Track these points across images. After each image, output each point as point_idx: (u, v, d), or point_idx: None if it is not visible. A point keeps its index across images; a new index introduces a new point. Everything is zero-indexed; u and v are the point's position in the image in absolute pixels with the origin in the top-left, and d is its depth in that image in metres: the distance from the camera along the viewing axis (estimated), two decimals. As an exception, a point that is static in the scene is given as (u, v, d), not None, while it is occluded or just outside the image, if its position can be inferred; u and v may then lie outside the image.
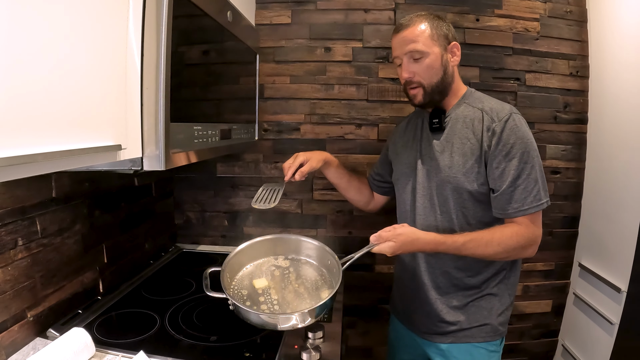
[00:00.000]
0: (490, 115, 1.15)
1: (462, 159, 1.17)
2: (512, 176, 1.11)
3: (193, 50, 1.12)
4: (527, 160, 1.11)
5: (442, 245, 1.12)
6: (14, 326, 1.01)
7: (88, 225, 1.30)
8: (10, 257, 1.01)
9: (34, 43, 0.61)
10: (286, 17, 1.81)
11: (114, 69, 0.83)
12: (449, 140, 1.21)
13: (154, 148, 0.94)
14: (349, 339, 1.97)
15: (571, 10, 1.79)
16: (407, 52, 1.18)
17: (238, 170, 1.91)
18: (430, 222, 1.25)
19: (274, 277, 1.21)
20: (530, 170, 1.11)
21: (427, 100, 1.22)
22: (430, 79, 1.19)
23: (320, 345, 1.06)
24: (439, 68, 1.18)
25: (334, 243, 1.89)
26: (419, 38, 1.17)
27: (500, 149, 1.12)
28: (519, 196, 1.11)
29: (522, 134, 1.12)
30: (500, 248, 1.11)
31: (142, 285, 1.45)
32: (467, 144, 1.18)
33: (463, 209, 1.20)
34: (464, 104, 1.23)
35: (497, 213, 1.16)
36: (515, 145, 1.11)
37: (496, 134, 1.12)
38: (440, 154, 1.22)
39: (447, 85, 1.21)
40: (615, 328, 1.56)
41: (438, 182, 1.22)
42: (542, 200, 1.12)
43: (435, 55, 1.17)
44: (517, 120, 1.13)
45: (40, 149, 0.64)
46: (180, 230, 1.97)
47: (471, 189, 1.17)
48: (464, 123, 1.20)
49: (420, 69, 1.18)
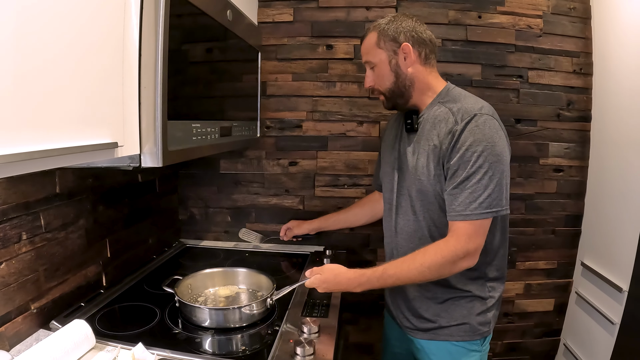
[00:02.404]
0: (456, 117, 1.11)
1: (425, 160, 1.16)
2: (462, 177, 1.07)
3: (192, 49, 1.14)
4: (482, 165, 1.05)
5: (363, 277, 1.13)
6: (17, 318, 1.04)
7: (92, 220, 1.33)
8: (15, 250, 1.04)
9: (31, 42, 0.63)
10: (288, 15, 1.82)
11: (111, 69, 0.85)
12: (418, 141, 1.20)
13: (152, 145, 0.96)
14: (349, 335, 1.98)
15: (575, 7, 1.78)
16: (365, 63, 1.24)
17: (241, 167, 1.94)
18: (406, 223, 1.25)
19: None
20: (483, 176, 1.06)
21: (390, 105, 1.25)
22: (384, 85, 1.21)
23: (315, 340, 1.07)
24: (388, 74, 1.19)
25: (335, 240, 1.92)
26: (368, 49, 1.21)
27: (456, 150, 1.08)
28: (464, 199, 1.07)
29: (481, 136, 1.06)
30: (424, 268, 1.08)
31: (144, 280, 1.48)
32: (430, 145, 1.16)
33: (429, 212, 1.19)
34: (437, 104, 1.20)
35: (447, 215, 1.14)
36: (471, 146, 1.06)
37: (455, 135, 1.09)
38: (411, 155, 1.22)
39: (404, 89, 1.20)
40: (616, 328, 1.55)
41: (409, 183, 1.22)
42: (488, 210, 1.06)
43: (382, 62, 1.19)
44: (481, 122, 1.08)
45: (38, 147, 0.66)
46: (184, 226, 2.00)
47: (433, 192, 1.16)
48: (432, 124, 1.17)
49: (374, 77, 1.22)
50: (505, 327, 1.98)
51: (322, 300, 1.32)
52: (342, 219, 1.71)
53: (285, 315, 1.22)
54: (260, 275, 1.37)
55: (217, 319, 1.15)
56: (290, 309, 1.26)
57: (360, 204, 1.69)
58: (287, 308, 1.27)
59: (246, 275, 1.41)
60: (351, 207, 1.72)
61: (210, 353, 1.06)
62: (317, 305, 1.30)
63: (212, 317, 1.15)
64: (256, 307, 1.18)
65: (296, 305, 1.29)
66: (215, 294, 1.35)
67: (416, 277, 1.11)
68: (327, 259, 1.64)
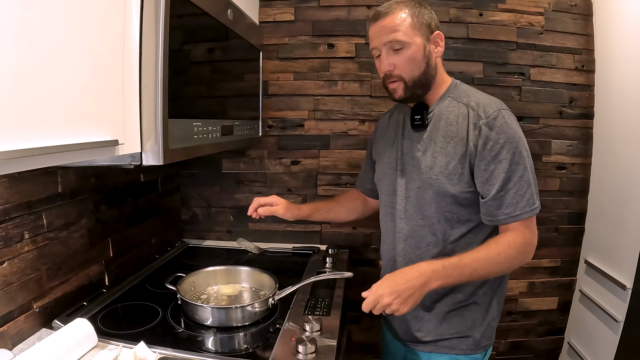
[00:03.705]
0: (477, 112, 1.07)
1: (444, 159, 1.09)
2: (503, 179, 1.03)
3: (193, 48, 1.15)
4: (519, 161, 1.03)
5: (436, 265, 1.01)
6: (20, 317, 1.04)
7: (94, 219, 1.33)
8: (17, 249, 1.04)
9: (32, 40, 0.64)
10: (289, 14, 1.83)
11: (112, 68, 0.85)
12: (432, 138, 1.13)
13: (153, 143, 0.97)
14: (352, 334, 1.98)
15: (576, 3, 1.77)
16: (387, 43, 1.08)
17: (243, 166, 1.94)
18: (410, 227, 1.18)
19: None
20: (523, 172, 1.03)
21: (408, 95, 1.12)
22: (412, 72, 1.09)
23: (317, 338, 1.07)
24: (421, 60, 1.09)
25: (338, 239, 1.92)
26: (399, 27, 1.06)
27: (488, 150, 1.03)
28: (511, 200, 1.03)
29: (512, 132, 1.03)
30: (502, 259, 1.03)
31: (147, 279, 1.49)
32: (450, 143, 1.09)
33: (446, 213, 1.12)
34: (448, 98, 1.14)
35: (487, 220, 1.08)
36: (505, 145, 1.02)
37: (483, 132, 1.04)
38: (421, 154, 1.14)
39: (430, 79, 1.12)
40: (621, 325, 1.54)
41: (420, 184, 1.14)
42: (535, 204, 1.04)
43: (417, 46, 1.08)
44: (507, 117, 1.05)
45: (38, 144, 0.66)
46: (187, 226, 2.00)
47: (454, 192, 1.09)
48: (448, 120, 1.11)
49: (400, 61, 1.08)
50: (509, 326, 1.97)
51: (324, 299, 1.32)
52: (332, 216, 1.53)
53: (288, 314, 1.22)
54: (263, 274, 1.37)
55: (220, 318, 1.15)
56: (292, 307, 1.26)
57: (345, 201, 1.53)
58: (289, 306, 1.27)
59: (249, 273, 1.41)
60: (337, 202, 1.53)
61: (213, 351, 1.06)
62: (319, 303, 1.29)
63: (214, 315, 1.15)
64: (258, 307, 1.18)
65: (298, 303, 1.29)
66: (218, 292, 1.35)
67: (492, 268, 1.04)
68: (330, 257, 1.64)
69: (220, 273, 1.40)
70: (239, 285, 1.40)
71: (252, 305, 1.17)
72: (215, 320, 1.15)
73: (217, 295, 1.34)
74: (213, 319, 1.15)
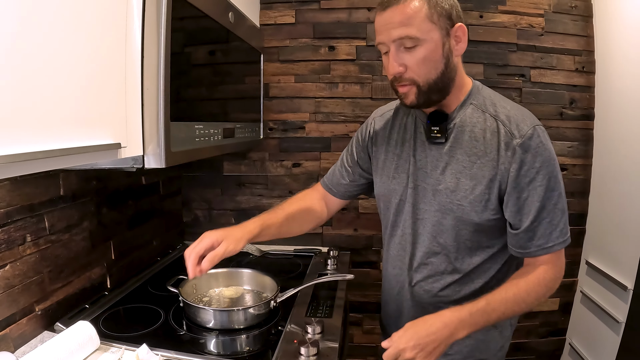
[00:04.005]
0: (509, 128, 0.92)
1: (470, 182, 0.94)
2: (537, 209, 0.90)
3: (194, 51, 1.15)
4: (554, 187, 0.90)
5: (463, 312, 0.88)
6: (22, 319, 1.05)
7: (96, 222, 1.34)
8: (19, 252, 1.04)
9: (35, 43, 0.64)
10: (290, 16, 1.83)
11: (114, 71, 0.86)
12: (453, 154, 0.97)
13: (155, 146, 0.97)
14: (354, 337, 1.98)
15: (576, 5, 1.78)
16: (397, 39, 0.89)
17: (244, 168, 1.94)
18: (423, 254, 1.04)
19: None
20: (557, 199, 0.91)
21: (422, 101, 0.94)
22: (428, 74, 0.90)
23: (319, 340, 1.07)
24: (438, 60, 0.90)
25: (339, 240, 1.92)
26: (412, 20, 0.86)
27: (523, 175, 0.90)
28: (544, 231, 0.91)
29: (548, 153, 0.90)
30: (532, 299, 0.92)
31: (148, 281, 1.49)
32: (476, 163, 0.94)
33: (466, 241, 0.99)
34: (471, 106, 0.97)
35: (516, 252, 0.96)
36: (541, 169, 0.89)
37: (517, 154, 0.89)
38: (440, 173, 0.98)
39: (448, 82, 0.93)
40: (622, 326, 1.54)
41: (437, 207, 0.99)
42: (568, 234, 0.93)
43: (435, 42, 0.88)
44: (542, 135, 0.91)
45: (41, 147, 0.67)
46: (188, 228, 2.00)
47: (478, 221, 0.95)
48: (473, 133, 0.95)
49: (413, 61, 0.89)
50: (511, 327, 1.97)
51: (326, 301, 1.32)
52: (283, 233, 1.16)
53: (290, 316, 1.22)
54: (265, 277, 1.37)
55: (222, 320, 1.15)
56: (294, 310, 1.26)
57: (300, 215, 1.19)
58: (291, 308, 1.27)
59: (251, 276, 1.41)
60: (290, 217, 1.16)
61: (215, 354, 1.06)
62: (321, 306, 1.29)
63: (216, 318, 1.15)
64: (260, 309, 1.19)
65: (300, 305, 1.29)
66: (220, 295, 1.35)
67: (520, 309, 0.92)
68: (332, 259, 1.64)
69: (222, 275, 1.40)
70: (240, 287, 1.40)
71: (254, 308, 1.18)
72: (217, 323, 1.15)
73: (219, 298, 1.34)
74: (215, 322, 1.15)
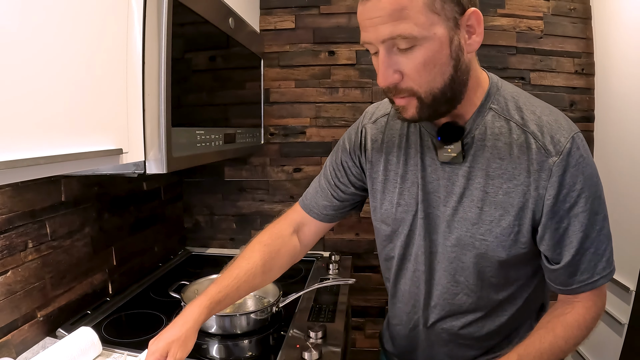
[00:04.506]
0: (542, 142, 0.73)
1: (496, 211, 0.76)
2: (580, 239, 0.74)
3: (195, 56, 1.15)
4: (598, 210, 0.74)
5: None
6: (24, 325, 1.05)
7: (97, 228, 1.34)
8: (21, 258, 1.04)
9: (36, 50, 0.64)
10: (290, 22, 1.84)
11: (115, 77, 0.86)
12: (472, 177, 0.78)
13: (157, 152, 0.97)
14: (356, 341, 1.97)
15: (575, 7, 1.78)
16: (387, 39, 0.66)
17: (245, 174, 1.94)
18: (439, 294, 0.87)
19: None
20: (602, 224, 0.75)
21: (426, 115, 0.73)
22: (431, 82, 0.69)
23: (322, 345, 1.07)
24: (445, 62, 0.68)
25: (341, 245, 1.91)
26: (407, 11, 0.63)
27: (561, 201, 0.73)
28: (588, 264, 0.75)
29: (590, 170, 0.73)
30: (570, 346, 0.78)
31: (150, 287, 1.49)
32: (502, 188, 0.76)
33: (491, 279, 0.82)
34: (490, 112, 0.77)
35: (557, 289, 0.81)
36: (583, 191, 0.72)
37: (555, 176, 0.72)
38: (457, 200, 0.80)
39: (460, 88, 0.72)
40: (625, 328, 1.53)
41: (454, 242, 0.81)
42: (613, 264, 0.78)
43: (439, 40, 0.66)
44: (582, 147, 0.73)
45: (43, 153, 0.67)
46: (190, 234, 2.00)
47: (506, 257, 0.78)
48: (496, 149, 0.76)
49: (411, 67, 0.68)
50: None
51: (328, 306, 1.31)
52: (245, 291, 0.96)
53: (292, 321, 1.22)
54: None
55: (224, 325, 1.15)
56: (296, 314, 1.26)
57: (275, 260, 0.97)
58: (293, 313, 1.26)
59: None
60: (263, 269, 0.94)
61: (217, 359, 1.06)
62: (323, 310, 1.29)
63: (218, 323, 1.15)
64: (262, 314, 1.18)
65: (302, 310, 1.29)
66: None
67: (556, 357, 0.78)
68: (334, 264, 1.64)
69: None
70: None
71: (256, 313, 1.17)
72: (219, 328, 1.15)
73: None
74: (217, 327, 1.15)
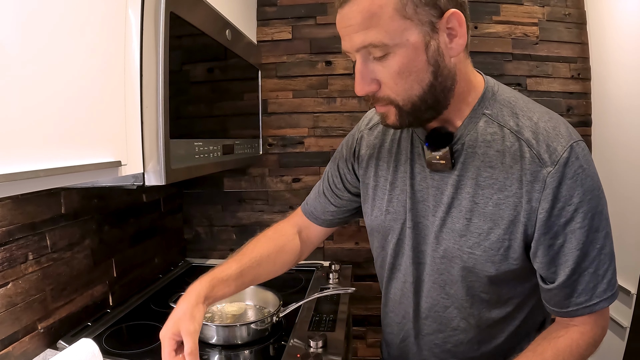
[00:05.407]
0: (537, 150, 0.69)
1: (484, 224, 0.73)
2: (576, 258, 0.69)
3: (193, 68, 1.17)
4: (599, 227, 0.69)
5: None
6: (24, 337, 1.05)
7: (97, 240, 1.34)
8: (21, 270, 1.05)
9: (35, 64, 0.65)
10: (287, 32, 1.86)
11: (113, 90, 0.87)
12: (461, 186, 0.75)
13: (155, 163, 0.98)
14: (358, 350, 1.96)
15: (570, 12, 1.80)
16: (360, 48, 0.66)
17: (244, 184, 1.95)
18: (429, 306, 0.84)
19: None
20: (604, 242, 0.70)
21: (407, 122, 0.72)
22: (408, 90, 0.68)
23: (323, 355, 1.06)
24: (422, 69, 0.66)
25: (341, 254, 1.91)
26: (376, 19, 0.63)
27: (556, 215, 0.68)
28: (586, 285, 0.70)
29: (590, 182, 0.68)
30: None
31: (151, 299, 1.49)
32: (491, 199, 0.72)
33: (481, 294, 0.79)
34: (483, 118, 0.74)
35: (552, 310, 0.77)
36: (581, 205, 0.67)
37: (549, 188, 0.67)
38: (445, 210, 0.77)
39: (444, 94, 0.70)
40: (626, 331, 1.53)
41: (442, 253, 0.79)
42: (616, 287, 0.72)
43: (413, 46, 0.64)
44: (582, 157, 0.68)
45: (43, 165, 0.68)
46: (190, 245, 2.00)
47: (495, 273, 0.74)
48: (487, 158, 0.72)
49: (386, 75, 0.67)
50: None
51: (329, 315, 1.31)
52: (247, 281, 0.98)
53: (292, 330, 1.22)
54: (267, 292, 1.37)
55: (225, 336, 1.15)
56: (297, 324, 1.26)
57: (277, 255, 0.99)
58: (294, 323, 1.26)
59: (253, 291, 1.40)
60: (266, 262, 0.96)
61: (217, 369, 1.05)
62: (324, 319, 1.29)
63: (219, 334, 1.15)
64: (263, 324, 1.18)
65: (303, 319, 1.29)
66: (222, 311, 1.35)
67: None
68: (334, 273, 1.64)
69: None
70: (243, 303, 1.40)
71: (257, 323, 1.17)
72: (220, 339, 1.15)
73: (222, 314, 1.34)
74: (218, 337, 1.15)
